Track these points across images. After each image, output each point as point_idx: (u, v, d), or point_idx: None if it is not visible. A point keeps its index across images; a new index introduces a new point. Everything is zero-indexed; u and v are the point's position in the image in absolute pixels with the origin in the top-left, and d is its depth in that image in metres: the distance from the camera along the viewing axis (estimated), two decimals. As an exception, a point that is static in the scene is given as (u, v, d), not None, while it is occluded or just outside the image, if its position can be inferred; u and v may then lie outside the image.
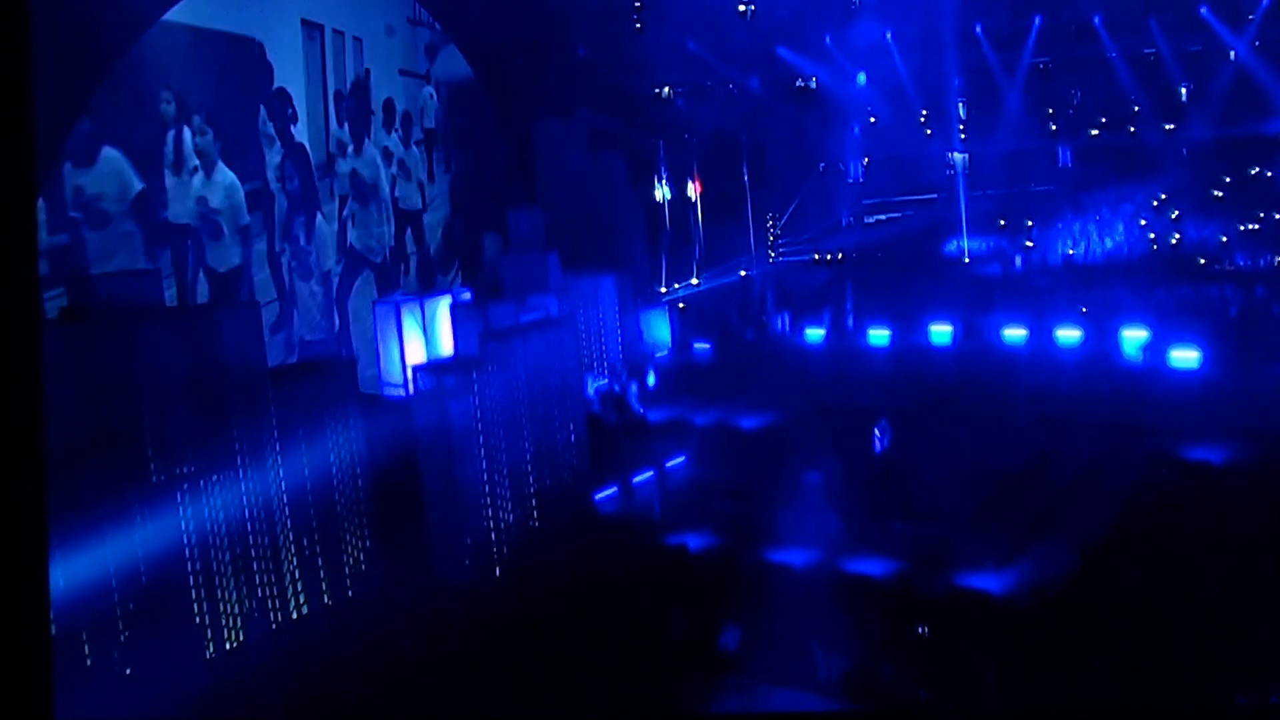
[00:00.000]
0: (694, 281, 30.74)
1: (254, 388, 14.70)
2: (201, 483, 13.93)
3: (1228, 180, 30.06)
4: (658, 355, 25.46)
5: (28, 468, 3.07)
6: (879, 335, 24.82)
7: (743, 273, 31.14)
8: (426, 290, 23.71)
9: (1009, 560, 14.92)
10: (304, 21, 22.09)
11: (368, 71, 23.83)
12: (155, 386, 13.77)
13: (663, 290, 29.31)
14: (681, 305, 27.95)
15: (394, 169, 24.60)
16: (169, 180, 18.92)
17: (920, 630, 13.30)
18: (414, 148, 25.33)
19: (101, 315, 13.94)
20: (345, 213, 23.12)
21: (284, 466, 14.88)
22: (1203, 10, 29.50)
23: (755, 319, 27.97)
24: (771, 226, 32.68)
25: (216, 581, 14.05)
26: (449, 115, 26.28)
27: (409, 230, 25.09)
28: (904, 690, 12.83)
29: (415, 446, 16.21)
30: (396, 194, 24.63)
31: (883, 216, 33.92)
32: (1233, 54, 29.84)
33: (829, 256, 31.63)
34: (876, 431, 17.88)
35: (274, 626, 14.73)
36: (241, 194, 20.31)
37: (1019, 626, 13.58)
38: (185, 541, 13.76)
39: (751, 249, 32.28)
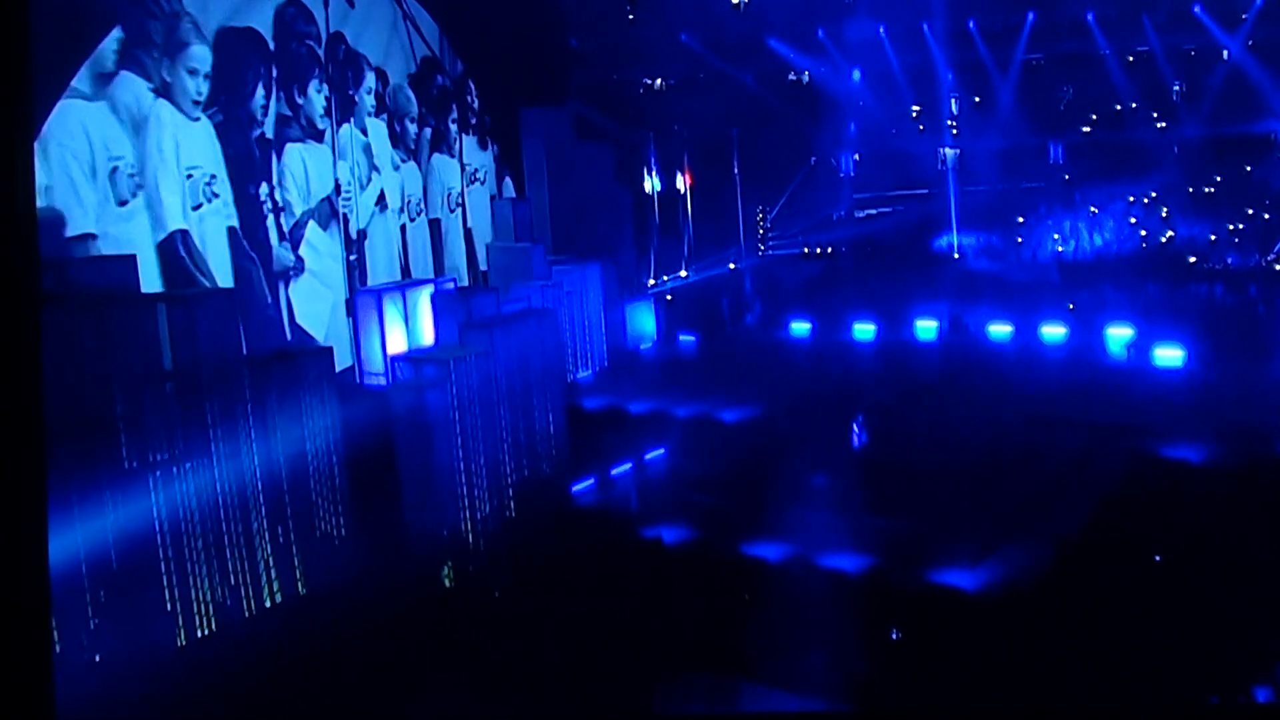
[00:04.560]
0: (682, 274, 30.70)
1: (229, 374, 14.63)
2: (175, 469, 13.88)
3: (1219, 179, 30.02)
4: (642, 347, 25.44)
5: (28, 471, 3.07)
6: (864, 330, 24.79)
7: (732, 265, 31.12)
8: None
9: (985, 557, 14.89)
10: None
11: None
12: (129, 372, 13.71)
13: (651, 282, 29.27)
14: (669, 297, 27.91)
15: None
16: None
17: (894, 635, 13.28)
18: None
19: (76, 300, 13.86)
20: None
21: (259, 454, 14.82)
22: (1196, 8, 29.43)
23: (742, 312, 27.95)
24: (761, 220, 32.64)
25: (189, 569, 14.00)
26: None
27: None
28: (877, 687, 12.81)
29: (392, 436, 16.17)
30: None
31: (874, 211, 33.86)
32: (1226, 53, 29.77)
33: (819, 250, 31.61)
34: (855, 427, 17.86)
35: (247, 615, 14.69)
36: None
37: (993, 623, 13.56)
38: (158, 528, 13.71)
39: (741, 242, 32.23)
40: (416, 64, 24.73)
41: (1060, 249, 29.91)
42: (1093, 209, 30.65)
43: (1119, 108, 30.89)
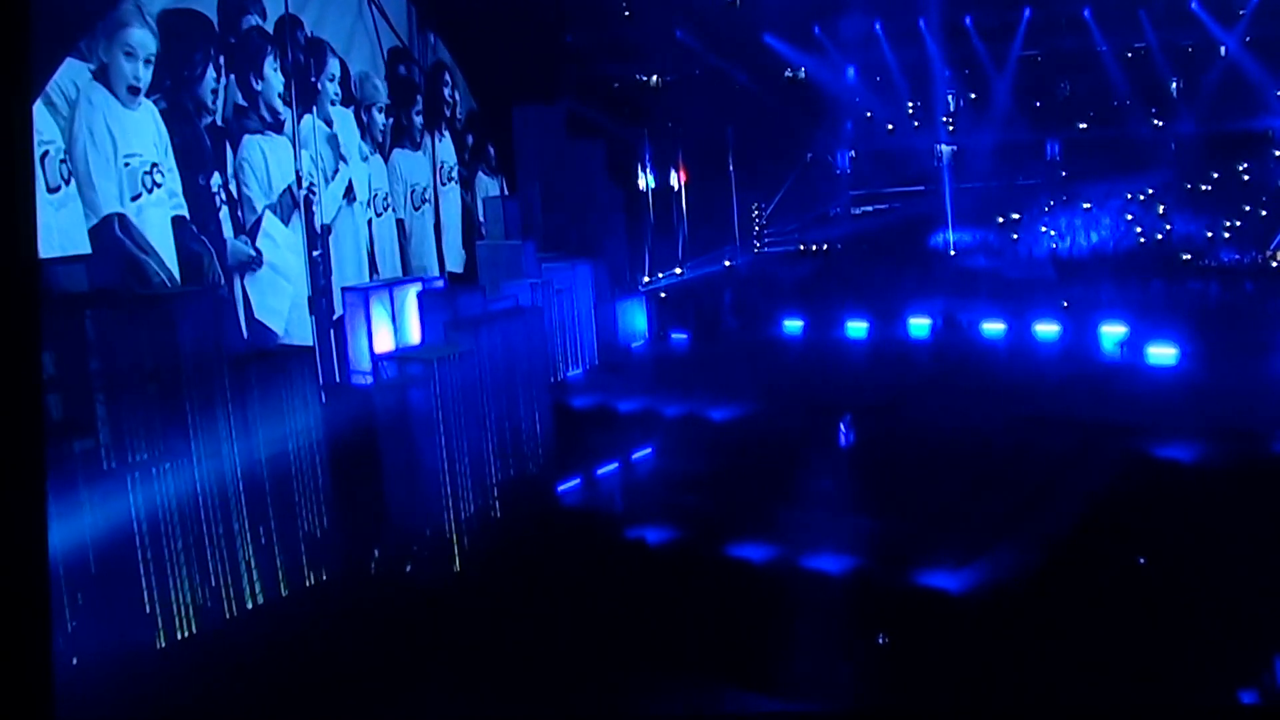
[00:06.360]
0: (677, 271, 30.58)
1: (210, 375, 14.54)
2: (154, 470, 13.80)
3: (1215, 176, 29.88)
4: (634, 345, 25.31)
5: (28, 471, 3.05)
6: (857, 328, 24.70)
7: (728, 263, 31.00)
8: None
9: (972, 558, 14.76)
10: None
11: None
12: (109, 373, 13.63)
13: (645, 279, 29.15)
14: (663, 295, 27.80)
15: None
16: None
17: (880, 640, 13.17)
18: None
19: (55, 301, 13.78)
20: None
21: (240, 455, 14.74)
22: (1193, 4, 29.27)
23: (735, 310, 27.84)
24: (757, 217, 32.51)
25: (169, 571, 13.90)
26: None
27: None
28: (862, 687, 12.72)
29: (376, 436, 16.07)
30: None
31: (869, 208, 33.75)
32: (1223, 49, 29.61)
33: (814, 247, 31.53)
34: (842, 426, 17.71)
35: (228, 617, 14.60)
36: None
37: (981, 625, 13.45)
38: (137, 530, 13.62)
39: (736, 239, 32.13)
40: (384, 53, 24.43)
41: (1055, 246, 29.79)
42: (1085, 204, 30.53)
43: (1116, 104, 30.76)
